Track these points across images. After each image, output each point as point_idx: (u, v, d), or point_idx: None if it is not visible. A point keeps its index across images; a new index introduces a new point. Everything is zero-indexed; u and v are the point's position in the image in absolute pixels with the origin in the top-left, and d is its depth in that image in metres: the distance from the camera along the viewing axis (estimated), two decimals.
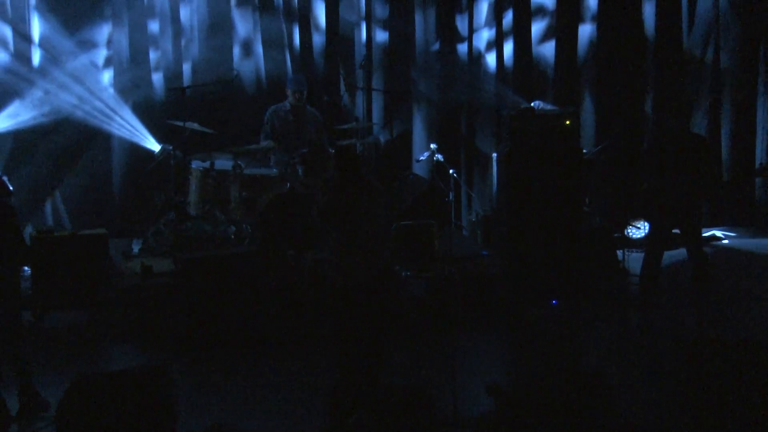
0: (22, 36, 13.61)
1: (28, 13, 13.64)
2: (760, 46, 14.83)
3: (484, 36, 14.94)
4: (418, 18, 14.75)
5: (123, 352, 11.52)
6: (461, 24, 14.84)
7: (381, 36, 14.71)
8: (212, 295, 11.55)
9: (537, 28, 14.97)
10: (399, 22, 14.62)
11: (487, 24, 14.89)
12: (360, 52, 14.62)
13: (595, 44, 14.78)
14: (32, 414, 9.88)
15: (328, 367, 10.50)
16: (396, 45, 14.62)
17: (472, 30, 14.83)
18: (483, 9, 14.89)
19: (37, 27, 13.67)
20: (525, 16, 14.73)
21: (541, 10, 14.96)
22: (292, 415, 9.95)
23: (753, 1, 14.77)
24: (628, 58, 14.78)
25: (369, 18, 14.56)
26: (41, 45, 13.68)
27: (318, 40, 14.64)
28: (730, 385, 9.85)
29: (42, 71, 13.67)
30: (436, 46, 14.74)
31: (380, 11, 14.65)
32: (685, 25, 14.90)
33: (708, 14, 14.78)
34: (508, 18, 14.88)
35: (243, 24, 14.44)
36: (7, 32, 13.57)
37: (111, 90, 13.99)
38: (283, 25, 14.44)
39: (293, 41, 14.54)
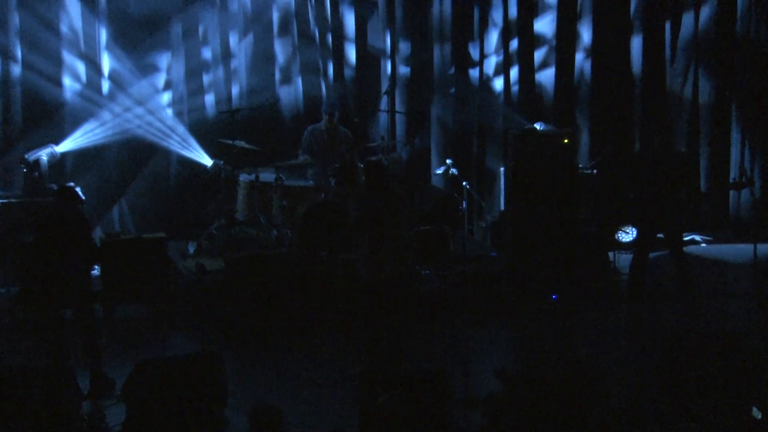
0: (94, 68, 13.67)
1: (99, 48, 13.69)
2: (734, 80, 14.81)
3: (492, 62, 14.92)
4: (436, 49, 14.77)
5: (180, 339, 11.56)
6: (473, 51, 14.84)
7: (403, 66, 14.72)
8: (257, 290, 11.59)
9: (538, 55, 14.95)
10: (419, 53, 14.64)
11: (496, 51, 14.88)
12: (385, 79, 14.64)
13: (589, 72, 14.77)
14: (101, 393, 9.94)
15: (358, 353, 10.54)
16: (416, 74, 14.63)
17: (483, 56, 14.82)
18: (493, 38, 14.88)
19: (106, 60, 13.72)
20: (528, 45, 14.72)
21: (542, 40, 14.95)
22: (327, 396, 9.99)
23: (723, 44, 14.75)
24: (617, 85, 14.78)
25: (393, 50, 14.60)
26: (110, 77, 13.73)
27: (349, 68, 14.67)
28: (707, 370, 9.87)
29: (110, 97, 13.72)
30: (452, 71, 14.75)
31: (403, 45, 14.66)
32: (668, 57, 14.90)
33: (688, 48, 14.77)
34: (513, 46, 14.87)
35: (283, 53, 14.47)
36: (80, 66, 13.63)
37: (169, 111, 14.04)
38: (319, 55, 14.49)
39: (327, 69, 14.57)
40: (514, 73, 14.85)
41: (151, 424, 8.81)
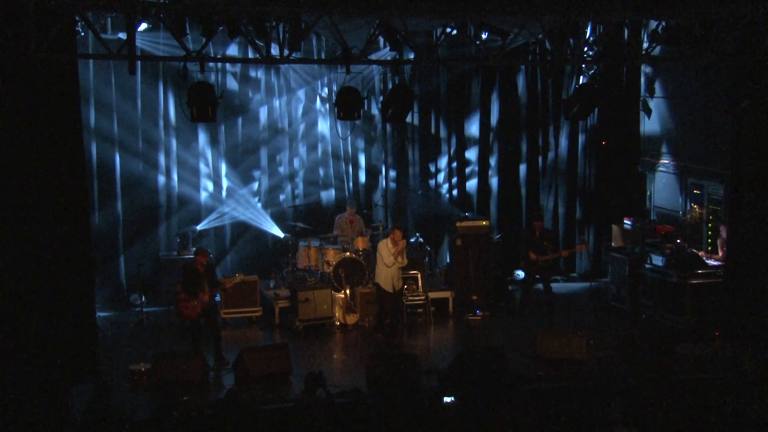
0: (217, 179, 13.71)
1: (220, 167, 13.70)
2: (577, 194, 14.88)
3: (444, 187, 14.72)
4: (410, 169, 14.66)
5: (265, 336, 11.60)
6: (432, 181, 14.77)
7: (392, 183, 14.67)
8: (310, 307, 11.63)
9: (469, 173, 14.83)
10: (401, 172, 14.59)
11: (446, 181, 14.71)
12: (382, 184, 14.56)
13: (497, 184, 14.75)
14: (220, 366, 10.03)
15: (370, 341, 10.60)
16: (400, 184, 14.60)
17: (438, 185, 14.66)
18: (443, 173, 14.80)
19: (224, 174, 13.79)
20: (462, 178, 14.63)
21: (470, 162, 14.75)
22: (352, 365, 10.09)
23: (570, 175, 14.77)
24: (511, 195, 14.73)
25: (387, 167, 14.55)
26: (226, 185, 13.78)
27: (362, 178, 14.51)
28: (566, 347, 9.96)
29: (227, 197, 13.79)
30: (419, 191, 14.72)
31: (391, 161, 14.63)
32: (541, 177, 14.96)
33: (550, 175, 14.77)
34: (455, 179, 14.73)
35: (324, 169, 14.44)
36: (209, 179, 13.71)
37: (259, 204, 14.05)
38: (344, 170, 14.35)
39: (350, 179, 14.51)
40: (454, 180, 14.70)
41: (249, 386, 8.91)
